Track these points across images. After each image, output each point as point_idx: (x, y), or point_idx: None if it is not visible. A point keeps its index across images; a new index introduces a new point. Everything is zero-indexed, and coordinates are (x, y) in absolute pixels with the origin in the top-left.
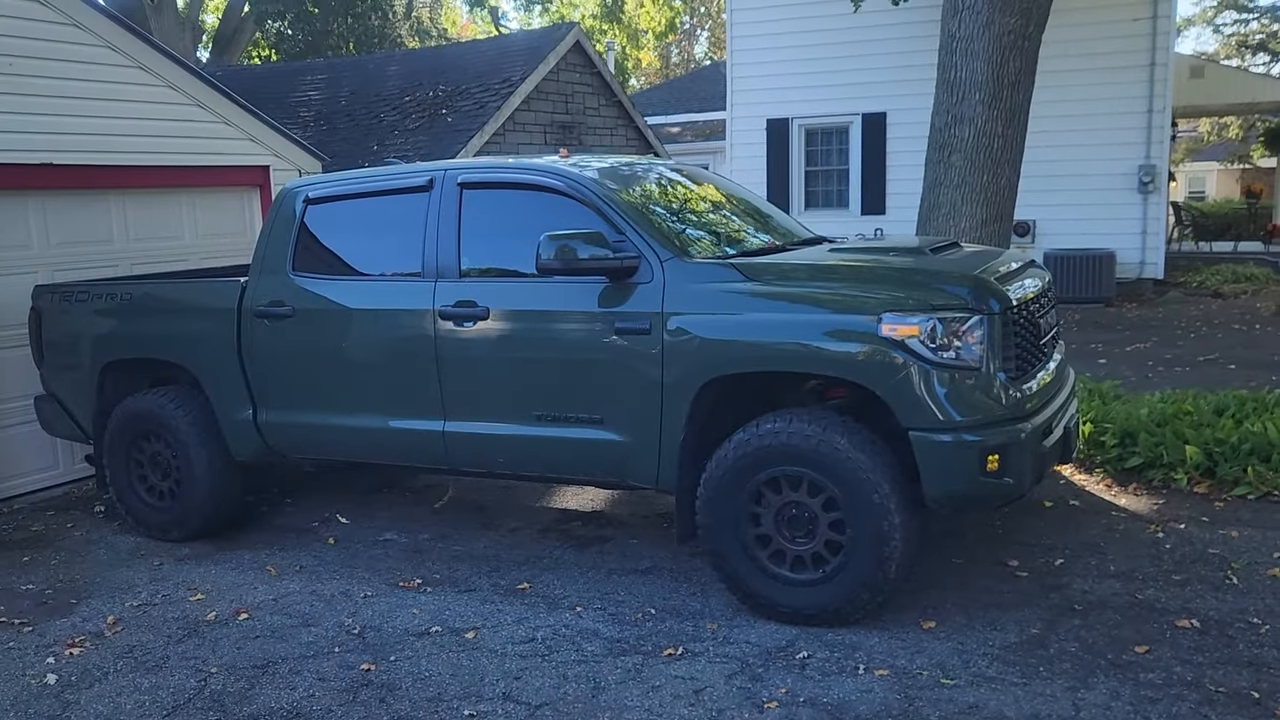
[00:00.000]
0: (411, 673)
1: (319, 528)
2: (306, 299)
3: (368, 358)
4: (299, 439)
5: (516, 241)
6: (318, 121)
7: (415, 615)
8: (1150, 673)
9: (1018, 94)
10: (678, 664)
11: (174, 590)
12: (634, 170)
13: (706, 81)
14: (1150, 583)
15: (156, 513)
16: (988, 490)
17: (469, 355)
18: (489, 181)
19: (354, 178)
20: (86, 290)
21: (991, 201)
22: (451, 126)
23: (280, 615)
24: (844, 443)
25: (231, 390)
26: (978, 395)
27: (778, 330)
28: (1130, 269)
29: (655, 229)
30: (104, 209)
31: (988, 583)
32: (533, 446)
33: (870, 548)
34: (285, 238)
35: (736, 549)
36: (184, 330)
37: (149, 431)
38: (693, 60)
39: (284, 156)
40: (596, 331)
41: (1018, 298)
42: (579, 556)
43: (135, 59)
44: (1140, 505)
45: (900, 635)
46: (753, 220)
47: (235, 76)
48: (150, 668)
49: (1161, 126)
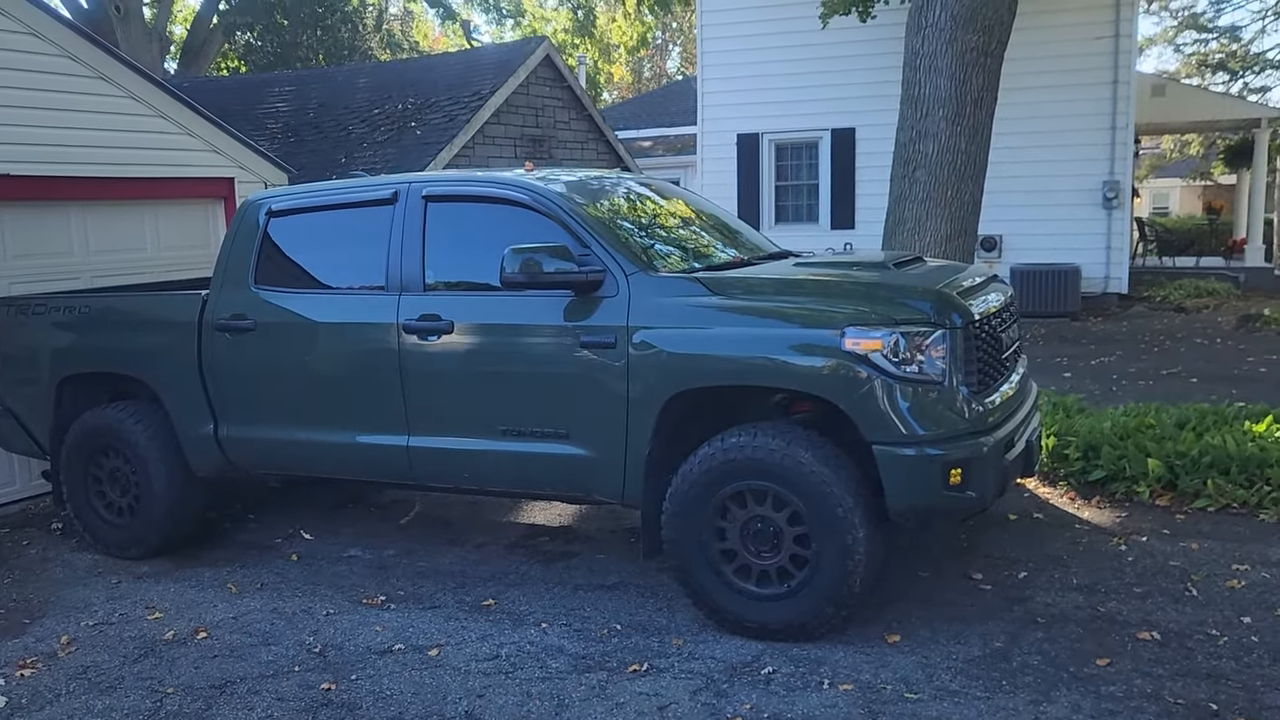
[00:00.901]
0: (372, 692)
1: (282, 544)
2: (269, 312)
3: (331, 372)
4: (261, 454)
5: (482, 255)
6: (285, 134)
7: (378, 633)
8: (1111, 685)
9: (981, 110)
10: (642, 680)
11: (131, 609)
12: (601, 184)
13: (678, 96)
14: (1112, 595)
15: (115, 530)
16: (950, 503)
17: (433, 369)
18: (454, 194)
19: (318, 190)
20: (44, 303)
21: (956, 216)
22: (420, 139)
23: (240, 634)
24: (808, 457)
25: (192, 405)
26: (940, 409)
27: (743, 344)
28: (1095, 284)
29: (621, 243)
30: (64, 221)
31: (952, 596)
32: (498, 461)
33: (835, 562)
34: (248, 250)
35: (702, 564)
36: (143, 344)
37: (107, 447)
38: (665, 75)
39: (249, 169)
40: (562, 345)
41: (980, 312)
42: (545, 572)
43: (96, 69)
44: (1103, 518)
45: (865, 649)
46: (720, 235)
47: (202, 88)
48: (104, 689)
49: (1125, 143)
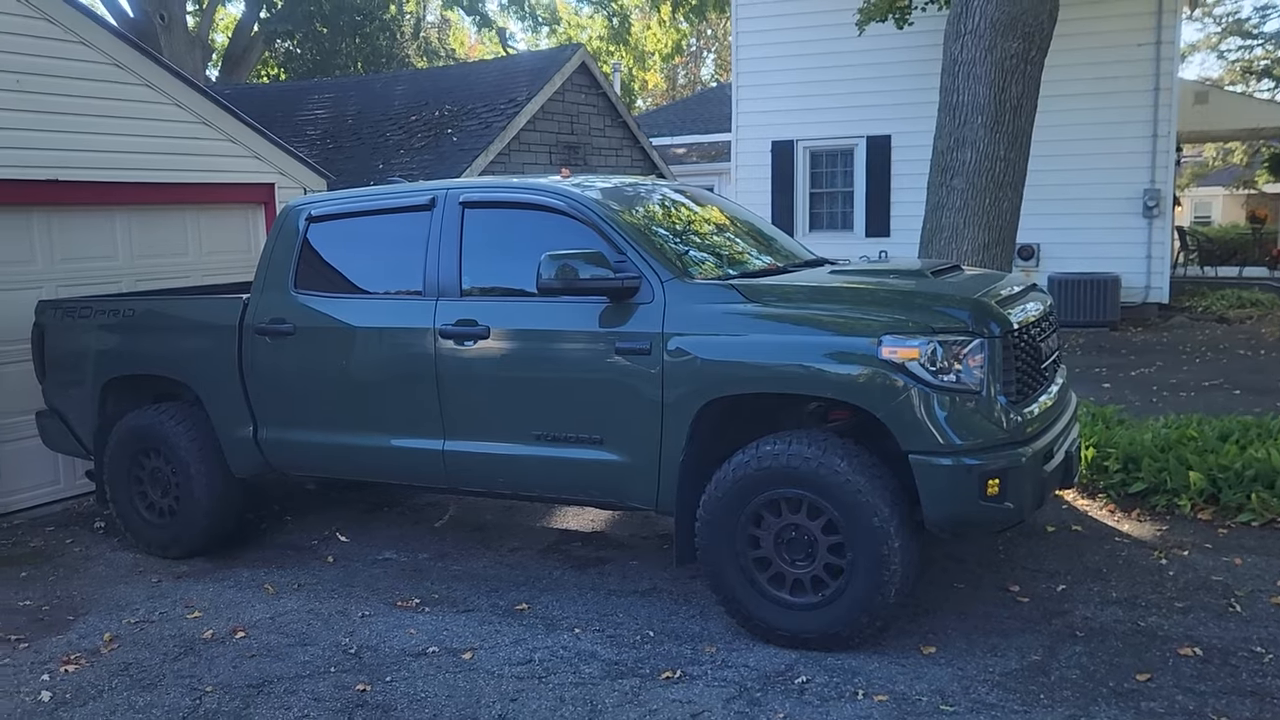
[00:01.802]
0: (407, 694)
1: (318, 546)
2: (308, 316)
3: (368, 376)
4: (299, 457)
5: (518, 261)
6: (324, 140)
7: (412, 635)
8: (1152, 701)
9: (1020, 118)
10: (675, 687)
11: (171, 608)
12: (636, 191)
13: (712, 103)
14: (1153, 610)
15: (156, 529)
16: (988, 515)
17: (469, 374)
18: (491, 201)
19: (357, 196)
20: (89, 306)
21: (993, 225)
22: (457, 146)
23: (277, 634)
24: (844, 465)
25: (232, 407)
26: (978, 419)
27: (778, 352)
28: (1135, 293)
29: (656, 249)
30: (109, 225)
31: (989, 608)
32: (532, 466)
33: (870, 571)
34: (287, 255)
35: (735, 571)
36: (185, 347)
37: (149, 448)
38: (699, 82)
39: (289, 174)
40: (597, 351)
41: (1019, 321)
42: (578, 577)
43: (142, 76)
44: (1143, 531)
45: (900, 660)
46: (755, 242)
47: (243, 95)
48: (146, 685)
49: (1166, 151)
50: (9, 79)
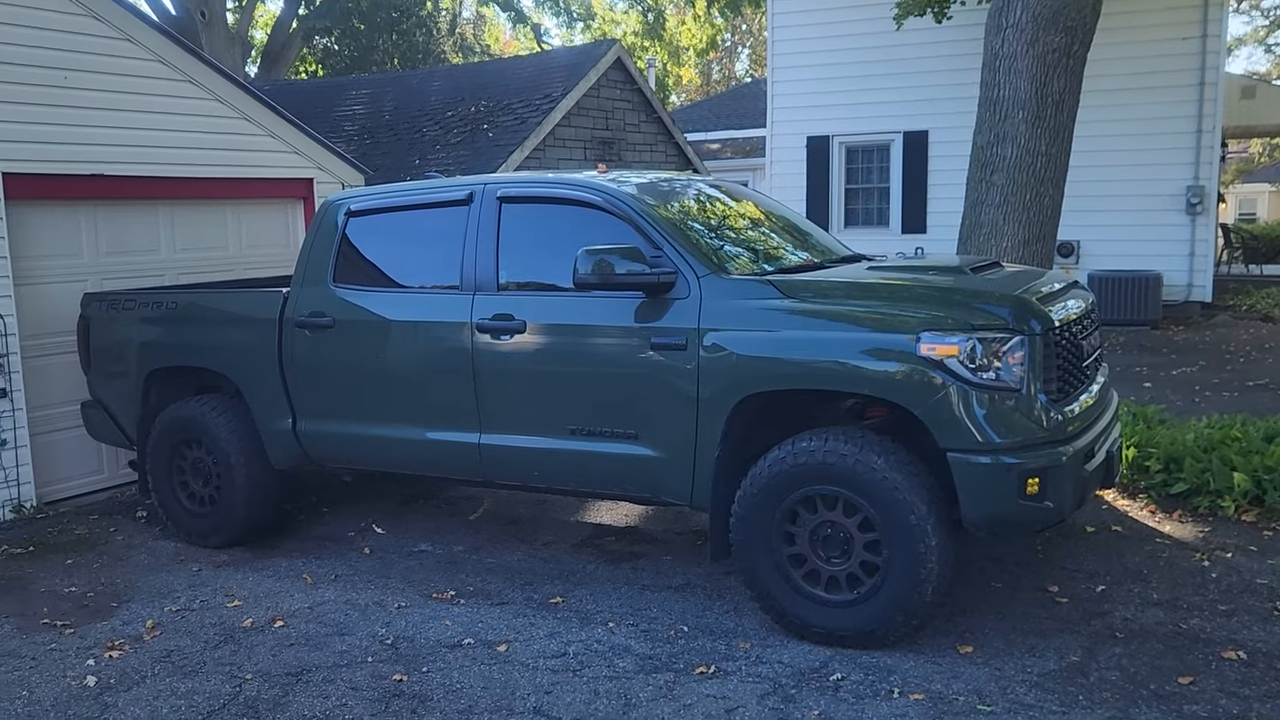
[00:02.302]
0: (443, 684)
1: (355, 537)
2: (346, 310)
3: (405, 369)
4: (336, 449)
5: (554, 256)
6: (361, 135)
7: (448, 627)
8: (1194, 705)
9: (1062, 113)
10: (710, 683)
11: (212, 596)
12: (672, 186)
13: (747, 98)
14: (1195, 612)
15: (197, 519)
16: (1027, 514)
17: (505, 368)
18: (528, 196)
19: (395, 191)
20: (133, 299)
21: (1034, 221)
22: (493, 141)
23: (315, 624)
24: (881, 463)
25: (271, 399)
26: (1017, 417)
27: (814, 348)
28: (1177, 291)
29: (692, 245)
30: (152, 219)
31: (1027, 609)
32: (567, 461)
33: (906, 570)
34: (327, 249)
35: (770, 568)
36: (226, 339)
37: (191, 439)
38: (734, 77)
39: (327, 169)
40: (632, 347)
41: (1060, 319)
42: (612, 572)
43: (185, 72)
44: (1185, 533)
45: (936, 659)
46: (791, 237)
47: (282, 91)
48: (187, 672)
49: (1211, 147)
50: (57, 75)
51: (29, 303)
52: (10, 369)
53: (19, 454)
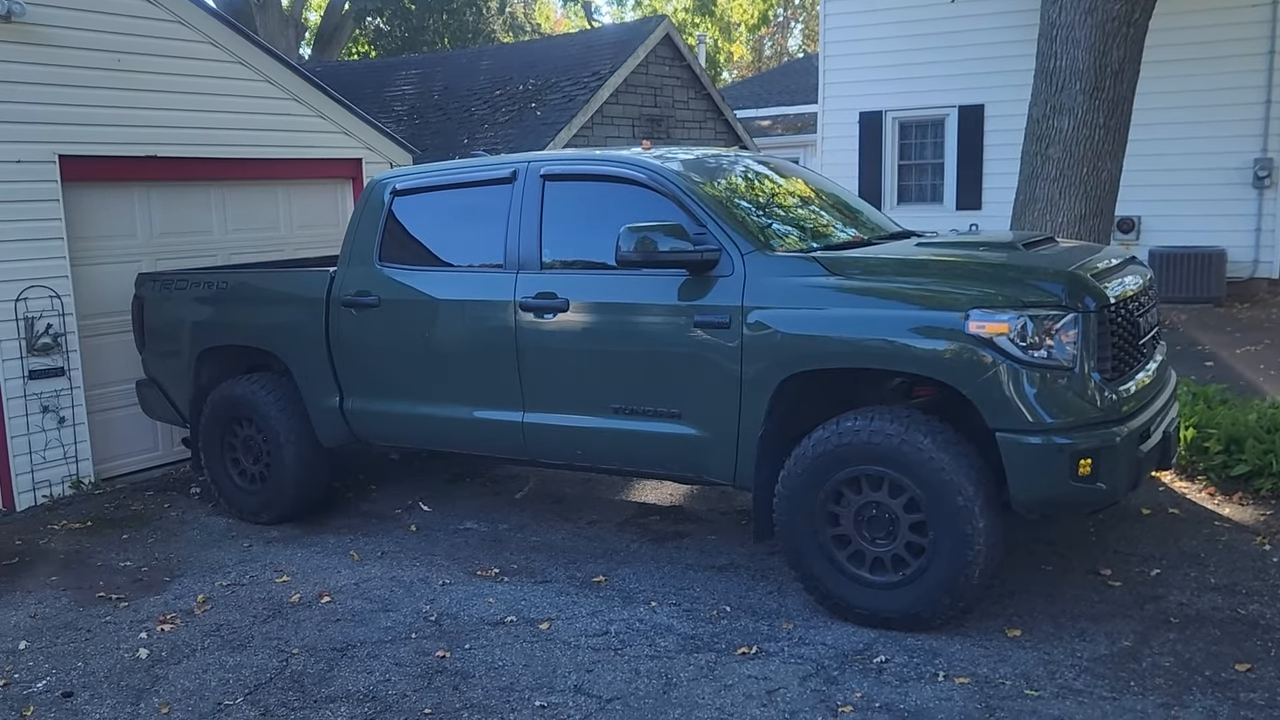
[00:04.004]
0: (485, 661)
1: (401, 515)
2: (392, 289)
3: (449, 348)
4: (382, 427)
5: (598, 234)
6: (410, 115)
7: (491, 604)
8: (1252, 692)
9: (1121, 83)
10: (751, 663)
11: (261, 572)
12: (719, 163)
13: (798, 74)
14: (1254, 597)
15: (248, 495)
16: (1079, 496)
17: (548, 347)
18: (571, 173)
19: (440, 170)
20: (186, 279)
21: (1091, 195)
22: (540, 120)
23: (361, 600)
24: (927, 443)
25: (319, 378)
26: (1070, 396)
27: (860, 326)
28: (1242, 268)
29: (737, 222)
30: (204, 200)
31: (1078, 591)
32: (610, 439)
33: (952, 552)
34: (373, 229)
35: (814, 548)
36: (275, 318)
37: (242, 416)
38: (786, 53)
39: (376, 149)
40: (676, 325)
41: (1116, 295)
42: (656, 551)
43: (236, 54)
44: (1245, 516)
45: (983, 643)
46: (839, 214)
47: (333, 72)
48: (236, 646)
49: None
50: (109, 58)
51: (85, 283)
52: (68, 348)
53: (77, 431)
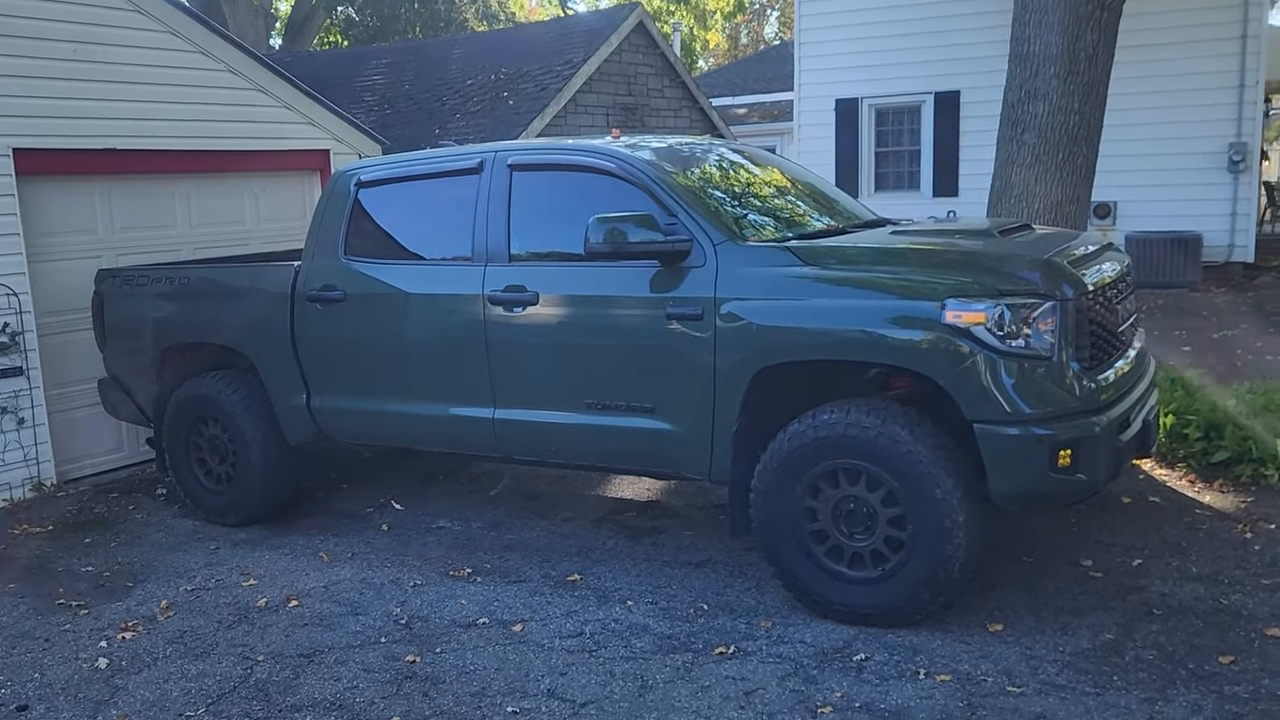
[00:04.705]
0: (456, 666)
1: (373, 514)
2: (358, 283)
3: (418, 343)
4: (350, 425)
5: (568, 225)
6: (381, 106)
7: (463, 606)
8: (1236, 685)
9: (1095, 68)
10: (729, 663)
11: (227, 575)
12: (691, 151)
13: (774, 62)
14: (1237, 587)
15: (214, 496)
16: (1059, 487)
17: (518, 341)
18: (539, 163)
19: (405, 160)
20: (147, 275)
21: (1067, 181)
22: (513, 109)
23: (329, 603)
24: (905, 435)
25: (285, 375)
26: (1048, 386)
27: (835, 316)
28: (1218, 252)
29: (709, 211)
30: (167, 194)
31: (1059, 584)
32: (583, 435)
33: (932, 546)
34: (337, 222)
35: (791, 544)
36: (239, 315)
37: (207, 416)
38: (762, 41)
39: (344, 140)
40: (647, 317)
41: (1093, 282)
42: (632, 548)
43: (196, 44)
44: (1226, 503)
45: (964, 638)
46: (813, 203)
47: (302, 62)
48: (199, 654)
49: (1254, 102)
50: (65, 48)
51: (44, 280)
52: (26, 346)
53: (37, 432)
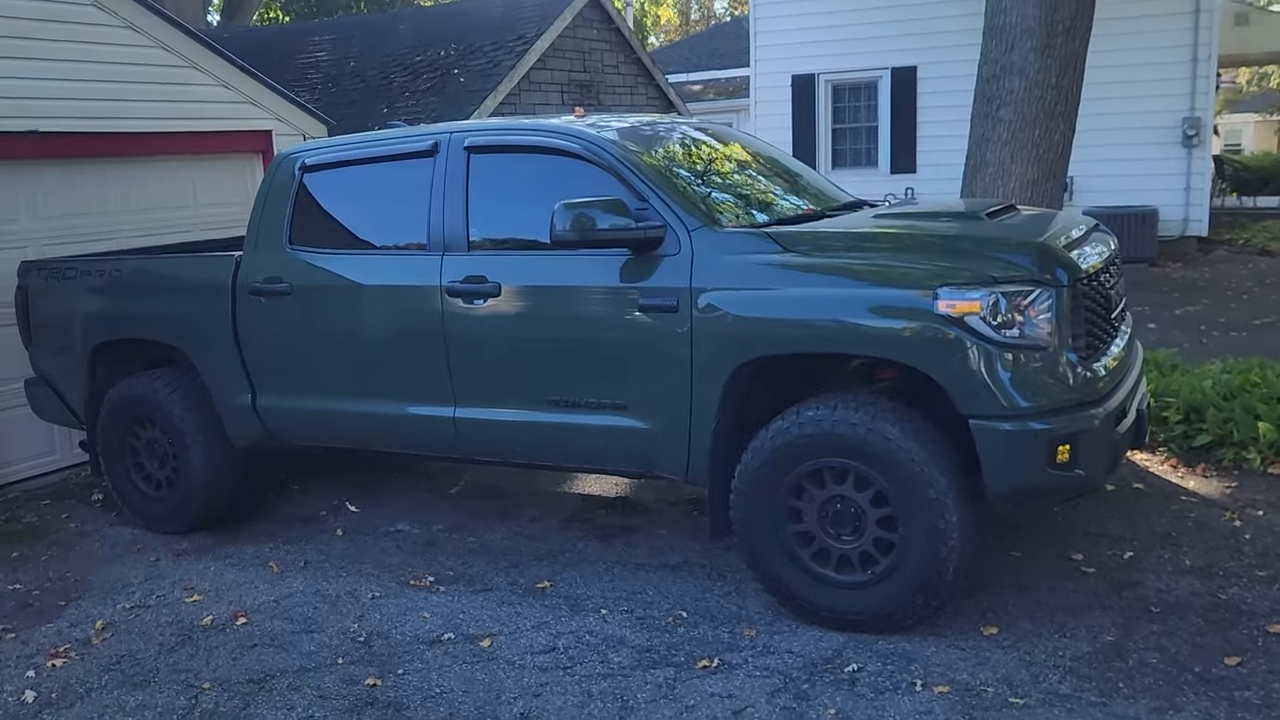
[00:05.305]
0: (420, 689)
1: (327, 517)
2: (304, 275)
3: (371, 339)
4: (300, 425)
5: (530, 210)
6: (326, 84)
7: (426, 620)
8: (1246, 690)
9: (1073, 40)
10: (714, 679)
11: (169, 590)
12: (656, 130)
13: (728, 37)
14: (1233, 580)
15: (154, 503)
16: (1057, 483)
17: (480, 336)
18: (498, 145)
19: (353, 142)
20: (75, 267)
21: (1044, 159)
22: (465, 87)
23: (281, 619)
24: (895, 431)
25: (228, 373)
26: (1045, 378)
27: (819, 306)
28: (1173, 227)
29: (682, 195)
30: (97, 179)
31: (1051, 580)
32: (550, 434)
33: (925, 547)
34: (281, 208)
35: (775, 548)
36: (176, 309)
37: (143, 417)
38: (713, 16)
39: (287, 120)
40: (618, 309)
41: (1087, 266)
42: (604, 550)
43: (124, 18)
44: (1211, 489)
45: (959, 644)
46: (787, 183)
47: (241, 39)
48: (138, 683)
49: (1207, 76)
50: None
51: None
52: None
53: None
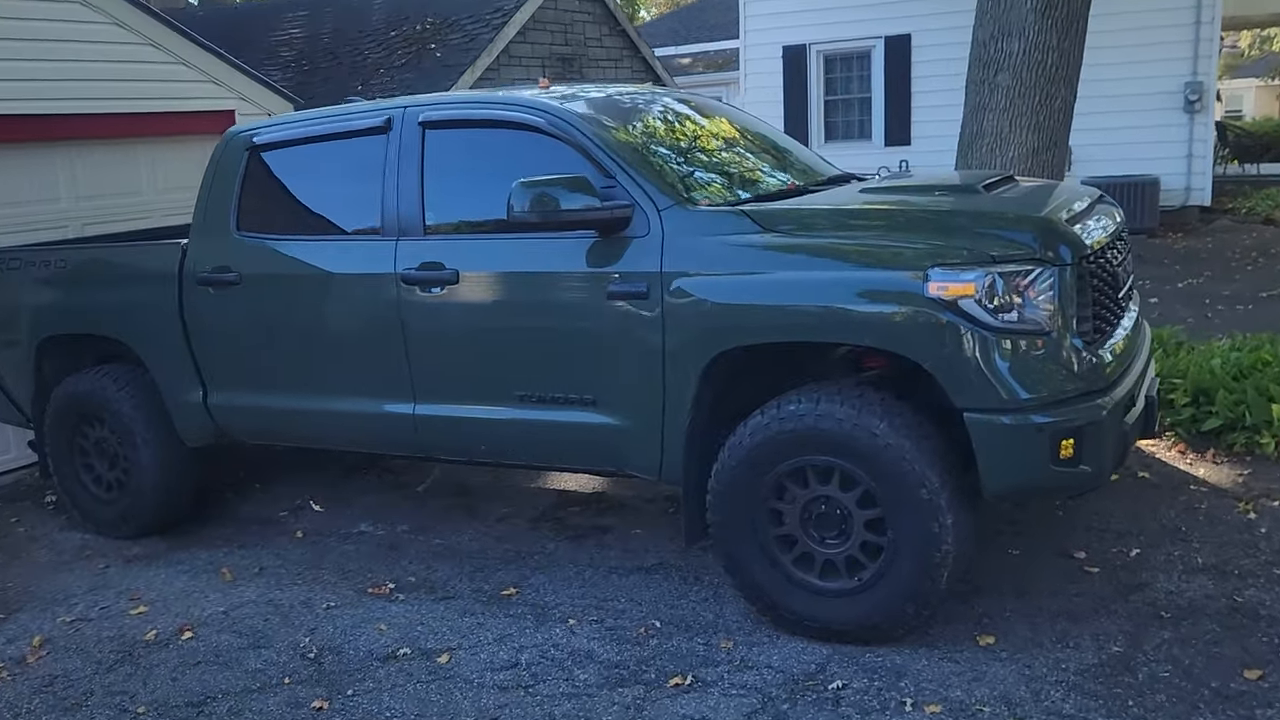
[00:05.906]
0: (370, 711)
1: (287, 518)
2: (254, 263)
3: (325, 331)
4: (253, 423)
5: (490, 191)
6: (299, 62)
7: (382, 632)
8: (1269, 709)
9: (1075, 0)
10: (686, 699)
11: (114, 601)
12: (634, 102)
13: (718, 9)
14: (1249, 579)
15: (105, 506)
16: (1060, 481)
17: (438, 326)
18: (455, 119)
19: (303, 120)
20: (19, 257)
21: (1044, 127)
22: (441, 62)
23: (229, 633)
24: (883, 426)
25: (177, 369)
26: (1047, 366)
27: (801, 291)
28: (1175, 196)
29: (652, 172)
30: (47, 163)
31: (1052, 582)
32: (516, 431)
33: (916, 552)
34: (228, 192)
35: (755, 552)
36: (121, 301)
37: (91, 415)
38: None
39: (252, 100)
40: (584, 296)
41: (1092, 242)
42: (574, 552)
43: None
44: (1222, 477)
45: (953, 656)
46: (771, 158)
47: (218, 17)
48: (69, 707)
49: (1210, 40)
50: None
51: None
52: None
53: None
